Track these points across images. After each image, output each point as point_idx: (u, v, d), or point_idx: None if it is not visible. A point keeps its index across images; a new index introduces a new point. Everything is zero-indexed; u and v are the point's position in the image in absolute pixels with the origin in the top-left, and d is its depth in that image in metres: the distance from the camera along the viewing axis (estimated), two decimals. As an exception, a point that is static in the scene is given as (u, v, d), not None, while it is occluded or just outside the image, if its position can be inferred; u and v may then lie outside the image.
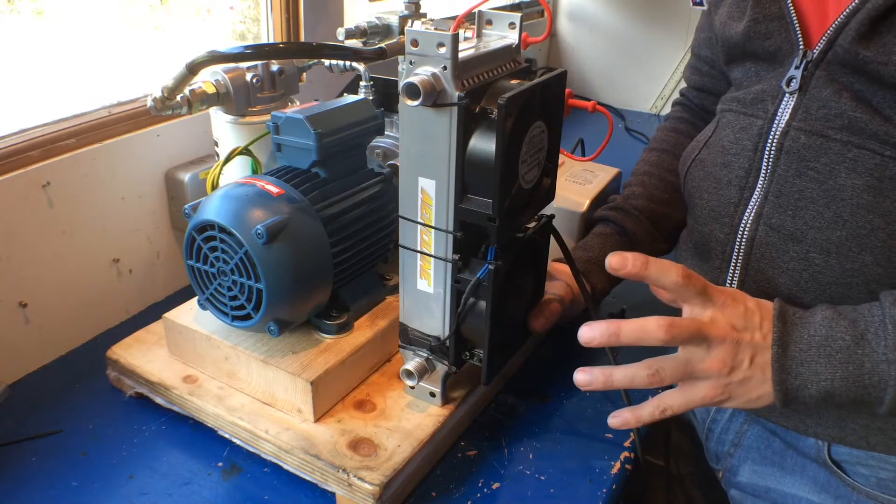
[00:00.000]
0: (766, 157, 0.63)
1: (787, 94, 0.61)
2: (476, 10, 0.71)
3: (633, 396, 0.84)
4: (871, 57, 0.55)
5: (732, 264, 0.67)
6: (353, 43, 0.96)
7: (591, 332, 0.58)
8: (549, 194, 0.73)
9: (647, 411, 0.61)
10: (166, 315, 0.78)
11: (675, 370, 0.58)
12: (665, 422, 0.85)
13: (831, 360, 0.55)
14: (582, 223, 1.00)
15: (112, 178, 0.90)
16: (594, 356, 0.91)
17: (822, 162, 0.59)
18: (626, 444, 0.77)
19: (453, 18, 0.85)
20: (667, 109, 1.92)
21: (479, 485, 0.71)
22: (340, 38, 0.96)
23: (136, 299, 0.97)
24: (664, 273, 0.57)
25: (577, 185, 1.05)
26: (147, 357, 0.79)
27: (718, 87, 0.86)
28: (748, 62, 0.68)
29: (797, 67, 0.60)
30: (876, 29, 0.55)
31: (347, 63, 0.91)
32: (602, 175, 1.09)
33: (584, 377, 0.61)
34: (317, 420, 0.71)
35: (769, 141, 0.62)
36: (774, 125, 0.62)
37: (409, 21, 0.98)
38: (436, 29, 0.60)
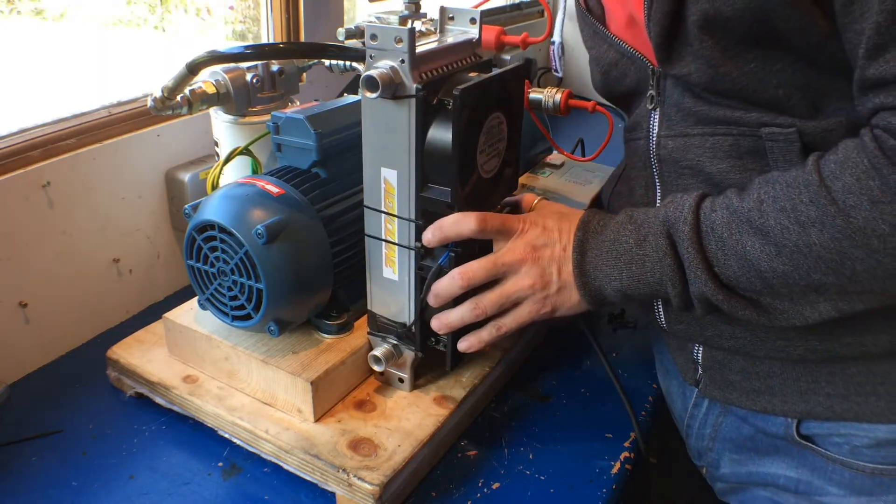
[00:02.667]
0: (654, 170, 0.67)
1: (651, 111, 0.66)
2: (439, 7, 0.73)
3: (626, 389, 0.84)
4: (678, 74, 0.60)
5: None
6: (353, 43, 0.96)
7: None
8: (512, 184, 0.75)
9: (486, 331, 0.68)
10: (166, 315, 0.78)
11: (493, 299, 0.66)
12: (660, 421, 0.86)
13: (618, 262, 0.62)
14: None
15: (112, 178, 0.90)
16: (595, 355, 0.91)
17: (689, 158, 0.63)
18: (627, 444, 0.77)
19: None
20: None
21: (479, 485, 0.71)
22: (340, 38, 0.96)
23: (136, 299, 0.97)
24: (461, 226, 0.64)
25: (577, 185, 1.05)
26: (147, 357, 0.79)
27: None
28: (622, 100, 0.73)
29: (652, 86, 0.65)
30: (670, 46, 0.59)
31: (347, 63, 0.91)
32: (602, 175, 1.09)
33: (434, 323, 0.69)
34: (317, 420, 0.71)
35: (651, 155, 0.67)
36: (651, 140, 0.66)
37: (409, 21, 0.98)
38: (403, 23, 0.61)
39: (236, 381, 0.75)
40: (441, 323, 0.68)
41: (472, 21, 0.71)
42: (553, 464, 0.74)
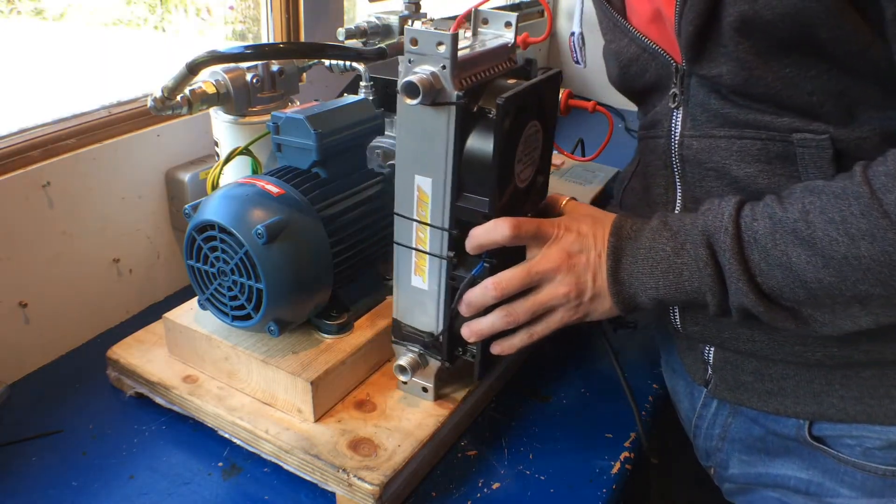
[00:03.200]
0: (675, 170, 0.66)
1: (673, 110, 0.64)
2: (473, 10, 0.71)
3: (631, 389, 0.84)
4: (707, 74, 0.59)
5: None
6: (353, 43, 0.96)
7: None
8: (543, 192, 0.74)
9: (519, 337, 0.67)
10: (166, 315, 0.78)
11: (527, 307, 0.64)
12: (660, 421, 0.86)
13: (654, 270, 0.61)
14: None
15: (112, 178, 0.90)
16: (595, 355, 0.91)
17: (715, 160, 0.62)
18: (627, 444, 0.77)
19: (453, 18, 0.84)
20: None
21: (479, 485, 0.71)
22: (340, 38, 0.96)
23: (136, 299, 0.97)
24: (495, 233, 0.62)
25: (578, 185, 1.05)
26: (147, 357, 0.79)
27: None
28: (642, 96, 0.72)
29: (675, 83, 0.63)
30: (702, 46, 0.57)
31: (347, 63, 0.91)
32: (602, 175, 1.09)
33: (464, 331, 0.67)
34: (317, 420, 0.71)
35: (673, 155, 0.66)
36: (673, 139, 0.65)
37: (409, 21, 0.99)
38: (436, 28, 0.60)
39: (236, 381, 0.75)
40: (472, 331, 0.67)
41: (508, 25, 0.69)
42: (553, 464, 0.74)
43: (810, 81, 0.55)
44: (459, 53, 0.60)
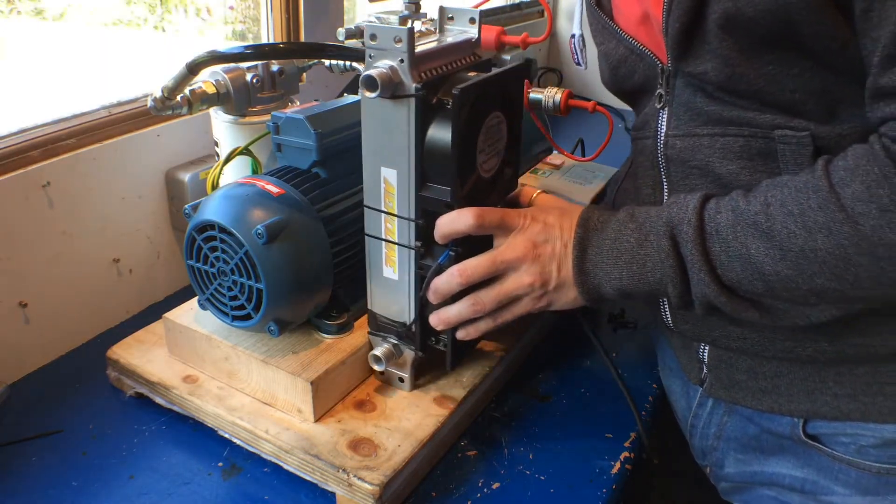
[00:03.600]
0: (661, 169, 0.67)
1: (659, 110, 0.65)
2: (440, 7, 0.73)
3: (631, 389, 0.84)
4: (694, 72, 0.59)
5: None
6: (353, 43, 0.96)
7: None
8: (512, 183, 0.75)
9: (484, 322, 0.69)
10: (166, 315, 0.78)
11: (492, 296, 0.66)
12: (660, 421, 0.86)
13: (618, 260, 0.62)
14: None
15: (112, 178, 0.90)
16: (595, 355, 0.91)
17: (698, 158, 0.63)
18: (627, 444, 0.77)
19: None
20: (667, 109, 1.92)
21: (479, 485, 0.71)
22: (340, 38, 0.96)
23: (136, 299, 0.97)
24: (459, 222, 0.64)
25: (577, 185, 1.05)
26: (147, 357, 0.79)
27: None
28: (632, 97, 0.72)
29: (661, 84, 0.64)
30: (688, 43, 0.58)
31: (347, 63, 0.91)
32: (602, 175, 1.09)
33: (433, 319, 0.69)
34: (317, 420, 0.71)
35: (659, 154, 0.66)
36: (659, 139, 0.66)
37: (409, 21, 0.98)
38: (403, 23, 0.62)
39: (236, 381, 0.75)
40: (440, 319, 0.68)
41: (472, 21, 0.71)
42: (553, 464, 0.74)
43: (792, 79, 0.56)
44: (421, 48, 0.62)
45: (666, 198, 0.67)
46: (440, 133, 0.63)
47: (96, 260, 0.91)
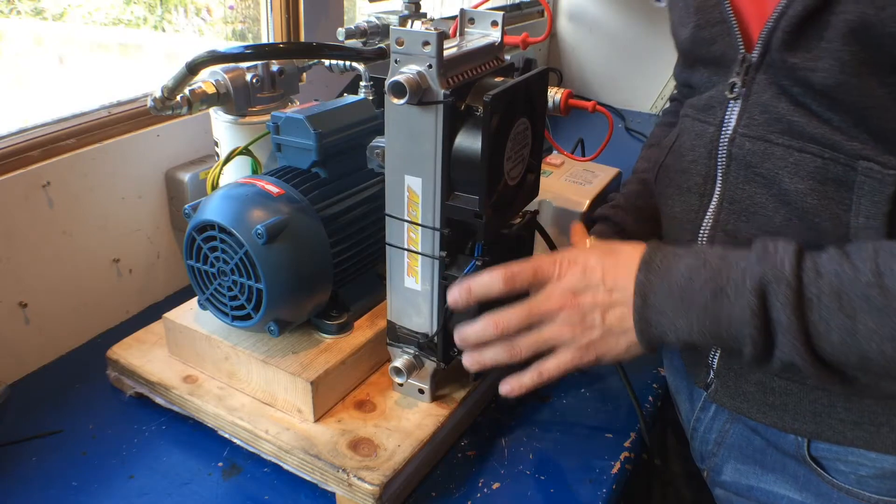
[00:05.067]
0: (719, 163, 0.62)
1: (730, 101, 0.61)
2: (461, 10, 0.71)
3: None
4: (799, 64, 0.54)
5: None
6: (353, 43, 0.96)
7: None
8: (534, 190, 0.74)
9: (528, 376, 0.64)
10: (166, 315, 0.78)
11: (529, 343, 0.62)
12: (660, 421, 0.86)
13: (689, 312, 0.56)
14: (581, 223, 1.00)
15: (112, 178, 0.90)
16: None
17: (766, 167, 0.58)
18: (627, 444, 0.77)
19: (453, 18, 0.85)
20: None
21: (479, 485, 0.71)
22: (340, 38, 0.96)
23: (136, 299, 0.97)
24: (490, 287, 0.61)
25: (577, 185, 1.05)
26: (147, 357, 0.79)
27: None
28: (700, 67, 0.67)
29: (738, 73, 0.59)
30: (802, 33, 0.53)
31: (347, 63, 0.91)
32: (602, 175, 1.09)
33: (466, 361, 0.65)
34: (317, 420, 0.71)
35: (720, 148, 0.62)
36: (723, 132, 0.62)
37: (409, 21, 0.98)
38: (435, 28, 0.60)
39: (236, 381, 0.75)
40: (473, 361, 0.64)
41: (494, 24, 0.69)
42: (553, 464, 0.74)
43: None
44: (445, 53, 0.60)
45: (717, 195, 0.63)
46: (469, 141, 0.61)
47: (96, 260, 0.91)
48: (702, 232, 0.65)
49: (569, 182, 1.06)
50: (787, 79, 0.56)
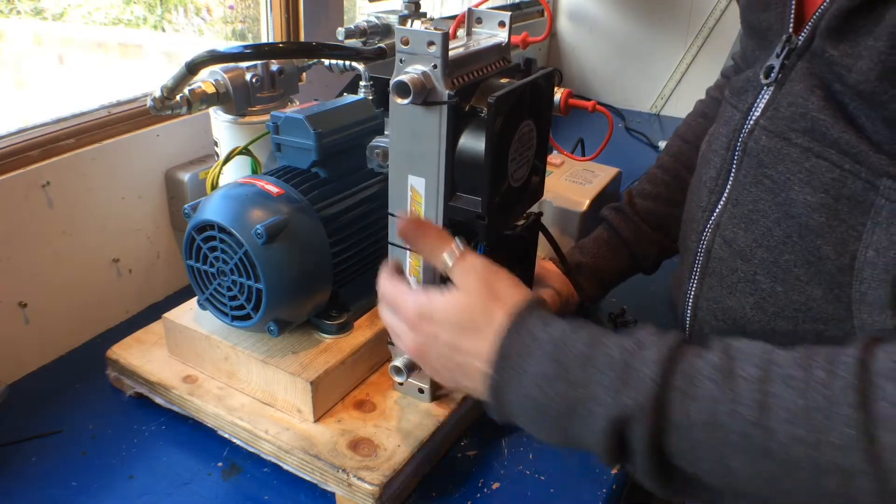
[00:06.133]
0: (734, 157, 0.57)
1: (764, 86, 0.55)
2: (468, 9, 0.71)
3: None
4: (837, 58, 0.48)
5: (692, 277, 0.62)
6: (353, 43, 0.96)
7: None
8: (538, 192, 0.74)
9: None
10: (166, 315, 0.78)
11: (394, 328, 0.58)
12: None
13: (542, 422, 0.49)
14: (581, 223, 1.00)
15: (112, 178, 0.90)
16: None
17: (778, 170, 0.52)
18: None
19: (453, 18, 0.85)
20: (667, 109, 1.92)
21: (479, 485, 0.71)
22: (340, 38, 0.96)
23: (136, 299, 0.97)
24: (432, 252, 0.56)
25: (577, 185, 1.05)
26: (147, 357, 0.79)
27: None
28: (749, 35, 0.61)
29: (778, 55, 0.53)
30: (849, 25, 0.47)
31: (347, 63, 0.90)
32: (602, 175, 1.09)
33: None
34: (317, 420, 0.71)
35: (739, 139, 0.56)
36: (748, 121, 0.56)
37: (409, 21, 0.98)
38: (434, 28, 0.60)
39: (236, 381, 0.75)
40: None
41: (502, 24, 0.69)
42: (553, 464, 0.74)
43: None
44: (451, 53, 0.60)
45: (727, 194, 0.57)
46: (473, 142, 0.61)
47: (96, 260, 0.91)
48: (704, 236, 0.60)
49: (569, 182, 1.06)
50: (829, 71, 0.50)
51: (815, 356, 0.42)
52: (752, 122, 0.55)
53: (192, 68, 0.76)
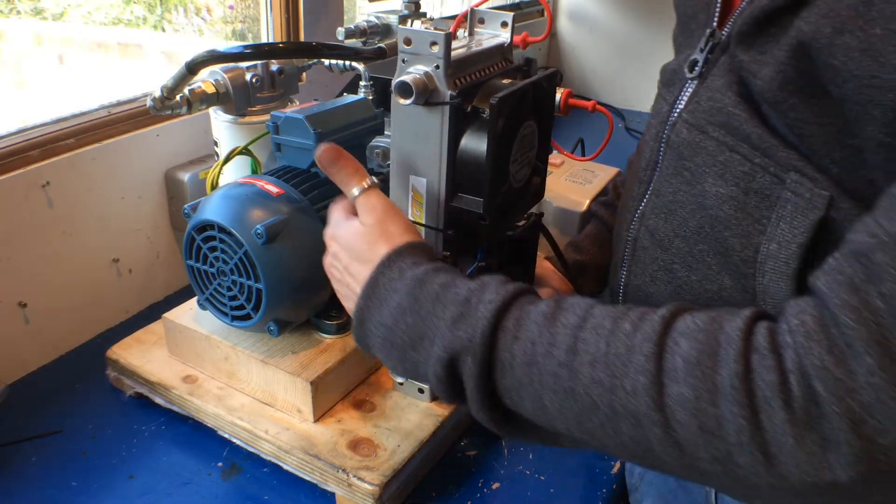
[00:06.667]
0: (660, 150, 0.57)
1: (689, 80, 0.55)
2: (469, 10, 0.71)
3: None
4: (746, 63, 0.48)
5: (623, 265, 0.62)
6: (353, 43, 0.96)
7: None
8: (539, 193, 0.73)
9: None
10: (166, 315, 0.78)
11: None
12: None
13: (391, 353, 0.52)
14: (581, 223, 1.00)
15: (112, 178, 0.90)
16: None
17: (695, 162, 0.53)
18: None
19: (453, 18, 0.84)
20: (667, 109, 1.92)
21: (479, 485, 0.71)
22: (340, 37, 0.96)
23: (136, 299, 0.97)
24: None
25: (577, 185, 1.05)
26: (147, 357, 0.79)
27: None
28: (677, 24, 0.61)
29: (702, 50, 0.53)
30: (762, 30, 0.47)
31: (347, 63, 0.90)
32: (602, 175, 1.09)
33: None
34: (316, 420, 0.71)
35: (665, 131, 0.56)
36: (672, 113, 0.56)
37: (409, 20, 0.98)
38: (435, 28, 0.60)
39: (236, 381, 0.75)
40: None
41: (504, 25, 0.69)
42: (553, 464, 0.74)
43: (852, 151, 0.44)
44: (454, 53, 0.60)
45: (652, 185, 0.58)
46: (475, 143, 0.61)
47: (96, 260, 0.91)
48: (632, 225, 0.61)
49: (569, 182, 1.06)
50: (744, 73, 0.50)
51: (630, 312, 0.45)
52: (675, 115, 0.56)
53: (192, 68, 0.76)
